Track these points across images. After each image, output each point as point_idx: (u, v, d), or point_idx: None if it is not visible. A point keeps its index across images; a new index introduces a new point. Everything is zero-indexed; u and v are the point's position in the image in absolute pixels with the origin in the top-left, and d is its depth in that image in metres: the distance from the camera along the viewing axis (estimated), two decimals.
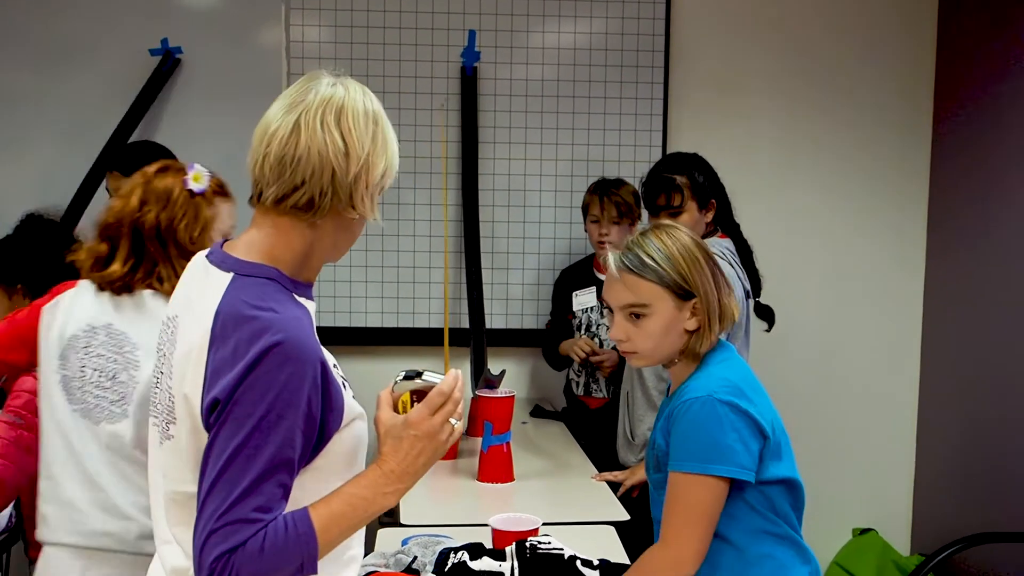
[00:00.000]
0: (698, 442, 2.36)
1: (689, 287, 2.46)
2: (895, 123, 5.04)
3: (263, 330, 1.79)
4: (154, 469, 1.99)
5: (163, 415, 1.93)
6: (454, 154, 4.86)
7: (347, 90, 1.91)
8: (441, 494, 3.57)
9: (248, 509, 1.76)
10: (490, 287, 4.85)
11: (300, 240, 1.91)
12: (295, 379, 1.79)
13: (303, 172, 1.85)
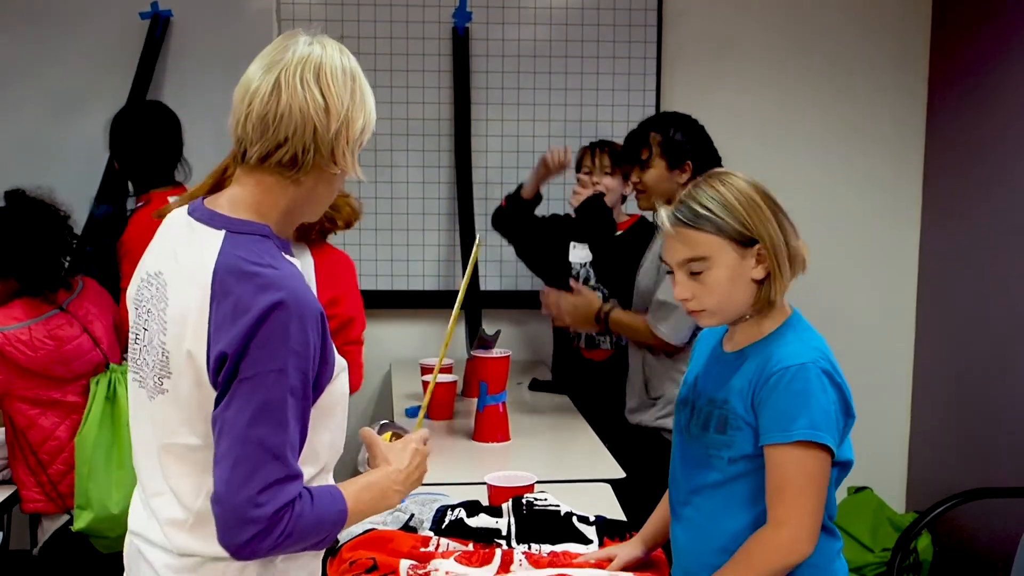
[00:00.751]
0: (806, 412, 2.17)
1: (750, 232, 2.30)
2: (890, 84, 5.02)
3: (266, 287, 1.81)
4: (141, 424, 1.99)
5: (154, 369, 1.92)
6: (447, 115, 4.84)
7: (324, 48, 1.93)
8: (437, 453, 3.52)
9: (291, 464, 1.82)
10: (484, 248, 4.85)
11: (284, 197, 1.93)
12: (302, 333, 1.82)
13: (285, 129, 1.87)
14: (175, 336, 1.87)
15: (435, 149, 4.86)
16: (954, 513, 3.99)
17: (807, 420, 2.16)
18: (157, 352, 1.92)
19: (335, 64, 1.91)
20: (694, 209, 2.30)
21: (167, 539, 1.93)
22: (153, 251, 2.05)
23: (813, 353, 2.23)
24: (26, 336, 3.28)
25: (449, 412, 3.88)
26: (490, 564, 2.48)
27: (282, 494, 1.79)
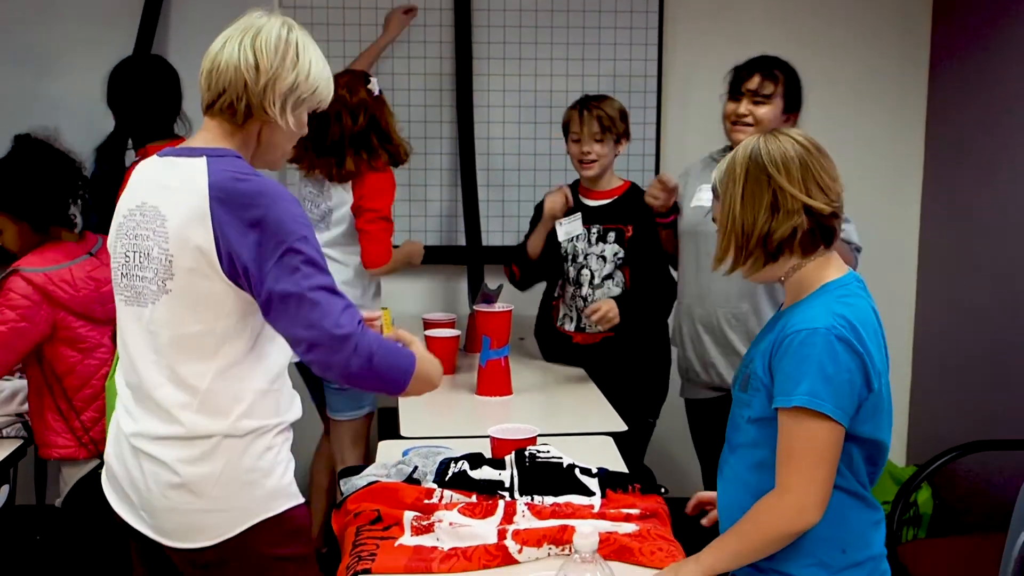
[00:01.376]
0: (811, 378, 2.14)
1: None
2: (892, 48, 5.01)
3: (258, 192, 2.22)
4: (135, 336, 2.34)
5: (157, 277, 2.27)
6: (448, 70, 4.83)
7: (268, 21, 2.33)
8: (440, 407, 3.60)
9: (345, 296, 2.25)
10: (486, 204, 4.86)
11: (233, 140, 2.32)
12: (300, 211, 2.27)
13: (223, 82, 2.28)
14: (179, 240, 2.23)
15: (436, 104, 4.86)
16: (954, 466, 4.01)
17: (807, 386, 2.14)
18: (159, 260, 2.26)
19: (271, 34, 2.30)
20: (720, 171, 2.36)
21: (180, 427, 2.27)
22: (130, 192, 2.38)
23: (831, 319, 2.18)
24: (68, 276, 3.36)
25: (452, 367, 3.90)
26: (493, 515, 2.50)
27: (355, 313, 2.23)
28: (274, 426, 2.34)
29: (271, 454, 2.33)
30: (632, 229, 3.93)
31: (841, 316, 2.20)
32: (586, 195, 4.04)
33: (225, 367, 2.27)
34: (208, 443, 2.27)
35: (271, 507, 2.33)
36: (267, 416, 2.32)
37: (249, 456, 2.30)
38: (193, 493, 2.29)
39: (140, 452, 2.33)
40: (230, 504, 2.30)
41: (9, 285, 3.32)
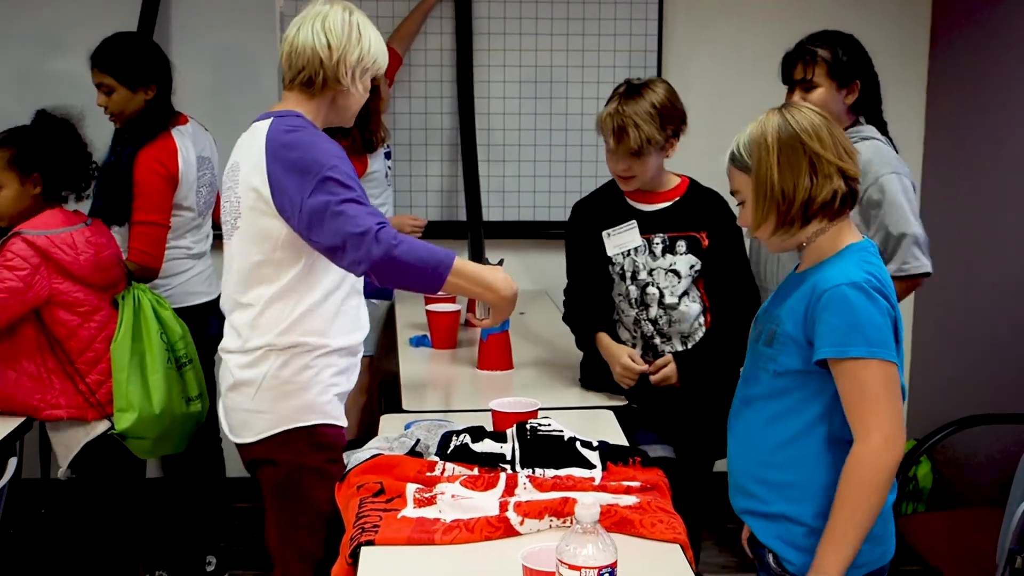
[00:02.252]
0: (865, 328, 2.26)
1: (751, 167, 2.40)
2: (892, 22, 5.00)
3: (299, 139, 2.70)
4: (227, 265, 2.88)
5: (231, 216, 2.81)
6: (449, 45, 4.84)
7: (332, 6, 2.81)
8: (442, 382, 3.64)
9: (370, 205, 2.67)
10: (486, 179, 4.86)
11: (309, 106, 2.81)
12: (334, 147, 2.71)
13: (302, 60, 2.78)
14: (244, 186, 2.75)
15: (437, 80, 4.87)
16: (953, 440, 4.02)
17: (864, 337, 2.26)
18: (234, 204, 2.80)
19: (337, 18, 2.78)
20: (735, 142, 2.45)
21: (241, 341, 2.81)
22: (233, 154, 2.88)
23: (865, 275, 2.30)
24: (70, 240, 3.40)
25: (453, 341, 3.92)
26: (495, 488, 2.51)
27: (376, 215, 2.63)
28: (315, 346, 2.79)
29: (310, 372, 2.79)
30: (708, 236, 3.36)
31: (871, 274, 2.32)
32: (638, 199, 3.41)
33: (278, 291, 2.75)
34: (256, 354, 2.79)
35: (303, 418, 2.80)
36: (308, 335, 2.77)
37: (288, 370, 2.78)
38: (242, 394, 2.82)
39: (223, 362, 2.90)
40: (269, 407, 2.80)
41: (9, 247, 3.34)
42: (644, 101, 3.25)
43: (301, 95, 2.81)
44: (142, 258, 3.84)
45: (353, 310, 2.90)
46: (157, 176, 3.84)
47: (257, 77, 4.76)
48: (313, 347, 2.79)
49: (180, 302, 3.99)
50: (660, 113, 3.25)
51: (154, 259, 3.87)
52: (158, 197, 3.86)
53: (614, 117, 3.26)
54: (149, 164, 3.83)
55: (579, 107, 4.80)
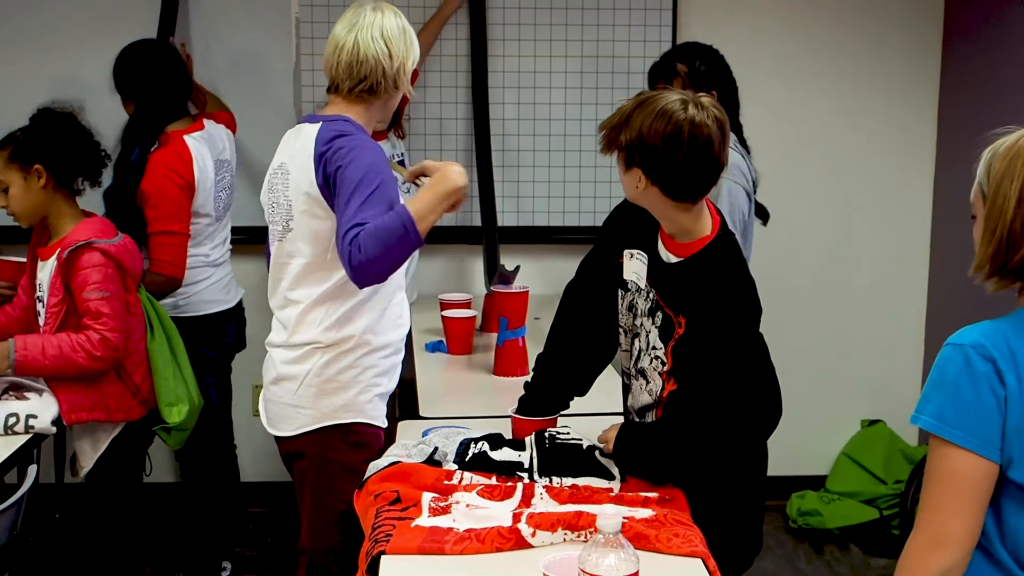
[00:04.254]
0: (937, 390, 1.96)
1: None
2: (905, 20, 5.02)
3: (346, 146, 2.79)
4: (275, 267, 3.00)
5: (283, 219, 2.93)
6: (463, 51, 4.85)
7: (383, 13, 2.91)
8: (458, 388, 3.65)
9: (360, 217, 2.71)
10: (501, 184, 4.87)
11: (364, 112, 2.94)
12: (376, 159, 2.80)
13: (365, 70, 2.88)
14: (296, 190, 2.87)
15: (452, 85, 4.87)
16: None
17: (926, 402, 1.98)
18: (285, 207, 2.91)
19: (392, 24, 2.91)
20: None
21: (287, 334, 2.94)
22: (278, 155, 3.01)
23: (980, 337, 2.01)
24: (131, 246, 3.51)
25: (469, 347, 3.93)
26: (511, 498, 2.51)
27: (355, 229, 2.68)
28: (359, 344, 2.91)
29: (352, 372, 2.92)
30: (685, 324, 2.57)
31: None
32: (663, 238, 2.69)
33: (328, 290, 2.88)
34: (302, 350, 2.92)
35: (341, 416, 2.93)
36: (353, 332, 2.90)
37: (331, 368, 2.91)
38: (284, 388, 2.96)
39: (268, 355, 3.04)
40: (310, 403, 2.93)
41: (91, 261, 3.36)
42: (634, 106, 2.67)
43: (355, 101, 2.92)
44: (167, 269, 3.84)
45: (396, 306, 3.02)
46: (172, 184, 3.84)
47: (273, 82, 4.77)
48: (358, 344, 2.92)
49: (197, 311, 4.01)
50: (649, 124, 2.58)
51: (178, 269, 3.88)
52: (174, 206, 3.87)
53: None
54: (164, 174, 3.83)
55: (593, 112, 4.80)
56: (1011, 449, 1.88)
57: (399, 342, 3.05)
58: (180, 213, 3.88)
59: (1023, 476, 1.89)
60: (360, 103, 2.94)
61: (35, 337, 3.36)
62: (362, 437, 2.97)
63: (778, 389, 2.78)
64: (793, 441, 5.03)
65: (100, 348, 3.33)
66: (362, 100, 2.93)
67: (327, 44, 2.93)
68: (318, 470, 2.98)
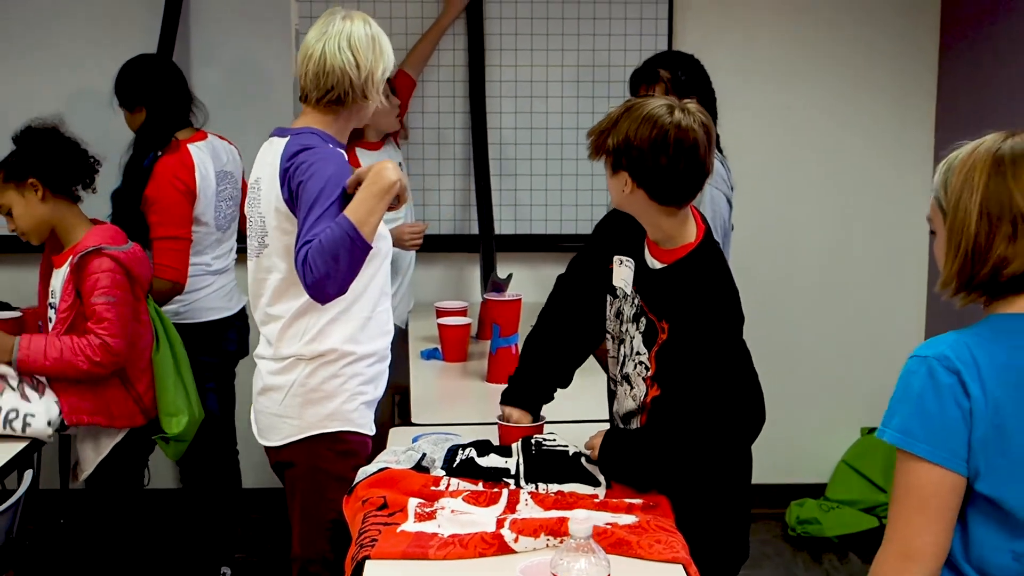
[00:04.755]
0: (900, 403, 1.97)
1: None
2: (900, 29, 5.04)
3: (310, 161, 2.79)
4: (253, 284, 3.03)
5: (257, 236, 2.96)
6: (461, 61, 4.89)
7: (353, 22, 2.90)
8: (451, 394, 3.68)
9: (312, 232, 2.72)
10: (499, 193, 4.91)
11: (330, 121, 2.94)
12: (334, 172, 2.79)
13: (332, 81, 2.87)
14: (267, 205, 2.90)
15: (450, 95, 4.92)
16: None
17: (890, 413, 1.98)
18: (259, 223, 2.94)
19: (361, 33, 2.89)
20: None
21: (273, 349, 2.97)
22: (254, 169, 3.03)
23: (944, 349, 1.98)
24: (140, 254, 3.55)
25: (464, 354, 3.95)
26: (496, 504, 2.54)
27: (303, 250, 2.71)
28: (342, 354, 2.93)
29: (336, 381, 2.93)
30: (668, 330, 2.62)
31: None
32: (648, 244, 2.73)
33: (306, 303, 2.88)
34: (286, 362, 2.95)
35: (327, 425, 2.95)
36: (335, 343, 2.91)
37: (315, 378, 2.92)
38: (271, 399, 2.98)
39: (257, 366, 3.06)
40: (296, 413, 2.95)
41: (101, 266, 3.41)
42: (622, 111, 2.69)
43: (324, 111, 2.93)
44: (170, 273, 3.89)
45: (381, 314, 3.02)
46: (175, 190, 3.90)
47: (272, 92, 4.81)
48: (341, 355, 2.93)
49: (196, 317, 4.05)
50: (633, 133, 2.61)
51: (180, 273, 3.94)
52: (178, 211, 3.93)
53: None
54: (167, 178, 3.90)
55: (590, 121, 4.79)
56: (977, 461, 1.88)
57: (384, 350, 3.06)
58: (182, 219, 3.94)
59: (990, 488, 1.89)
60: (329, 113, 2.94)
61: (40, 337, 3.41)
62: (349, 445, 2.99)
63: (761, 395, 2.79)
64: (792, 449, 5.07)
65: (100, 353, 3.38)
66: (331, 110, 2.93)
67: (299, 52, 2.95)
68: (307, 479, 3.01)
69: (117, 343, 3.40)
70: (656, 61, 3.84)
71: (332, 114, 2.94)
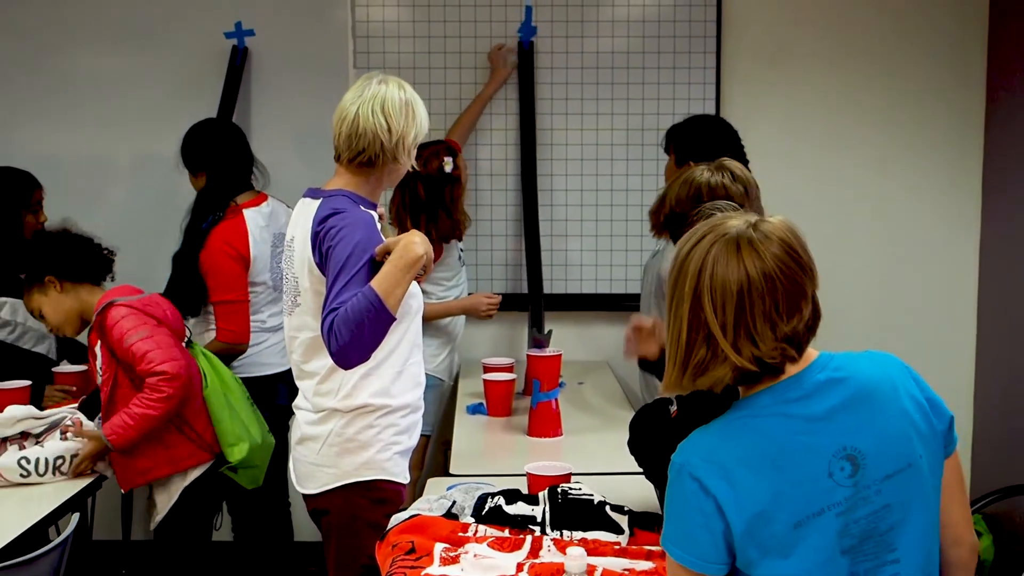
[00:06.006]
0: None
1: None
2: (947, 88, 5.07)
3: (340, 226, 2.87)
4: (289, 341, 3.13)
5: (291, 295, 3.06)
6: (513, 126, 5.02)
7: (388, 86, 2.99)
8: (492, 447, 3.77)
9: (339, 300, 2.80)
10: (549, 253, 5.01)
11: (364, 183, 3.02)
12: (364, 237, 2.86)
13: (363, 143, 2.95)
14: (300, 266, 2.99)
15: (503, 158, 5.04)
16: (1013, 510, 3.97)
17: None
18: (293, 283, 3.04)
19: (394, 98, 2.97)
20: None
21: (310, 403, 3.06)
22: (290, 228, 3.10)
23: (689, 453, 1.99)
24: (149, 300, 3.65)
25: (508, 409, 4.04)
26: (520, 549, 2.61)
27: (334, 309, 2.79)
28: (377, 407, 3.01)
29: (371, 432, 3.02)
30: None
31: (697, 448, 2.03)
32: None
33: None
34: (323, 414, 3.04)
35: (362, 473, 3.04)
36: (369, 397, 3.00)
37: (351, 428, 3.01)
38: (308, 448, 3.07)
39: (295, 416, 3.17)
40: (332, 462, 3.04)
41: (118, 315, 3.54)
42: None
43: (354, 171, 3.01)
44: (230, 336, 4.06)
45: (412, 367, 3.10)
46: (227, 257, 4.06)
47: (331, 156, 4.94)
48: (375, 408, 3.02)
49: (249, 372, 4.15)
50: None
51: (240, 335, 4.09)
52: (231, 276, 4.08)
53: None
54: (219, 247, 4.05)
55: (638, 183, 4.94)
56: (748, 554, 1.92)
57: (417, 401, 3.14)
58: (236, 283, 4.09)
59: (768, 571, 1.93)
60: (360, 174, 3.01)
61: (115, 416, 3.53)
62: (384, 493, 3.08)
63: None
64: None
65: (161, 386, 3.47)
66: (362, 171, 3.00)
67: (335, 114, 3.02)
68: (342, 525, 3.09)
69: (171, 366, 3.48)
70: (670, 131, 4.02)
71: (363, 175, 3.01)
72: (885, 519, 1.94)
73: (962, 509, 2.11)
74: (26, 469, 3.49)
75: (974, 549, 2.14)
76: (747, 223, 1.96)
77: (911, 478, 1.96)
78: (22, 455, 3.51)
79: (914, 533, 1.96)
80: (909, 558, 1.96)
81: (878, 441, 1.94)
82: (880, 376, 2.02)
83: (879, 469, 1.93)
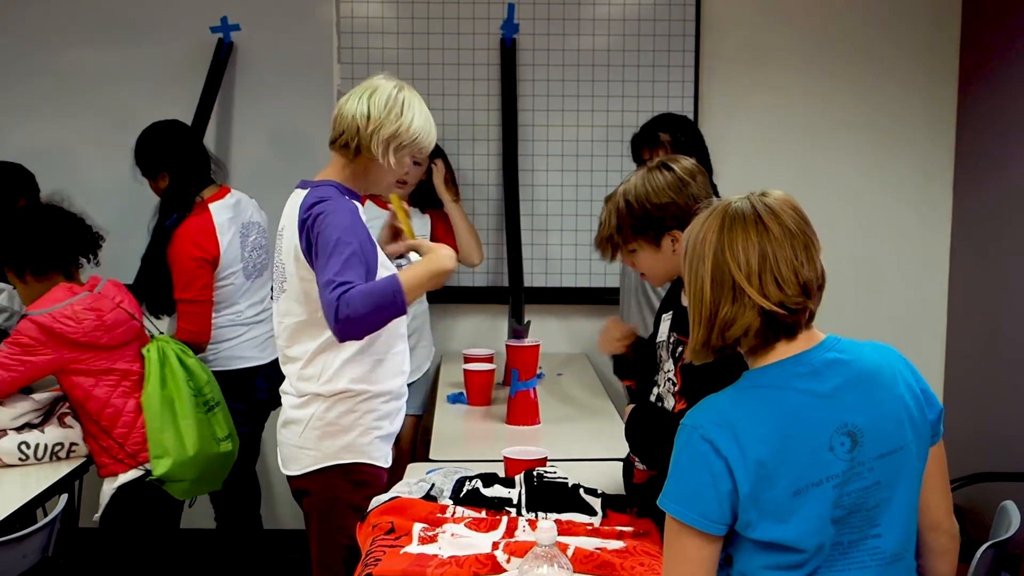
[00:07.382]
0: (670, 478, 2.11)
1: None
2: (920, 87, 5.16)
3: (324, 212, 2.92)
4: (276, 324, 3.19)
5: (279, 280, 3.12)
6: (495, 122, 5.08)
7: (387, 82, 3.06)
8: (471, 434, 3.85)
9: (345, 276, 2.84)
10: (530, 247, 5.09)
11: (345, 169, 3.07)
12: (349, 222, 2.91)
13: (342, 125, 3.03)
14: (287, 253, 3.05)
15: (484, 153, 5.11)
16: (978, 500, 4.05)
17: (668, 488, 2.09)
18: (281, 269, 3.10)
19: (385, 92, 3.03)
20: None
21: (294, 388, 3.14)
22: (282, 218, 3.13)
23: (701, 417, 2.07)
24: (70, 312, 3.59)
25: (487, 399, 4.11)
26: (496, 529, 2.70)
27: (339, 291, 2.82)
28: (358, 392, 3.08)
29: (352, 416, 3.09)
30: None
31: (715, 412, 2.11)
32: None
33: (321, 346, 3.05)
34: (305, 398, 3.11)
35: (342, 456, 3.11)
36: (351, 383, 3.07)
37: (332, 413, 3.08)
38: (291, 431, 3.15)
39: (282, 401, 3.22)
40: (313, 445, 3.11)
41: (19, 328, 3.59)
42: (614, 199, 2.87)
43: (341, 160, 3.07)
44: (187, 336, 4.04)
45: (396, 356, 3.17)
46: (191, 258, 4.05)
47: (314, 152, 4.98)
48: (356, 393, 3.09)
49: (224, 366, 4.18)
50: (624, 211, 2.80)
51: (198, 334, 4.09)
52: (194, 276, 4.07)
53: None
54: (185, 246, 4.05)
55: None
56: (748, 515, 2.01)
57: (399, 389, 3.20)
58: (198, 283, 4.08)
59: (763, 534, 2.02)
60: (344, 163, 3.07)
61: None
62: (364, 476, 3.14)
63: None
64: None
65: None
66: (344, 156, 3.06)
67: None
68: (323, 507, 3.16)
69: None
70: (655, 125, 4.02)
71: (348, 167, 3.07)
72: (873, 495, 2.04)
73: (942, 496, 2.21)
74: (25, 453, 3.59)
75: (954, 536, 2.25)
76: (756, 196, 2.14)
77: (901, 460, 2.07)
78: (22, 439, 3.60)
79: (897, 512, 2.08)
80: (889, 535, 2.08)
81: (876, 421, 2.05)
82: (882, 363, 2.14)
83: (874, 448, 2.04)
